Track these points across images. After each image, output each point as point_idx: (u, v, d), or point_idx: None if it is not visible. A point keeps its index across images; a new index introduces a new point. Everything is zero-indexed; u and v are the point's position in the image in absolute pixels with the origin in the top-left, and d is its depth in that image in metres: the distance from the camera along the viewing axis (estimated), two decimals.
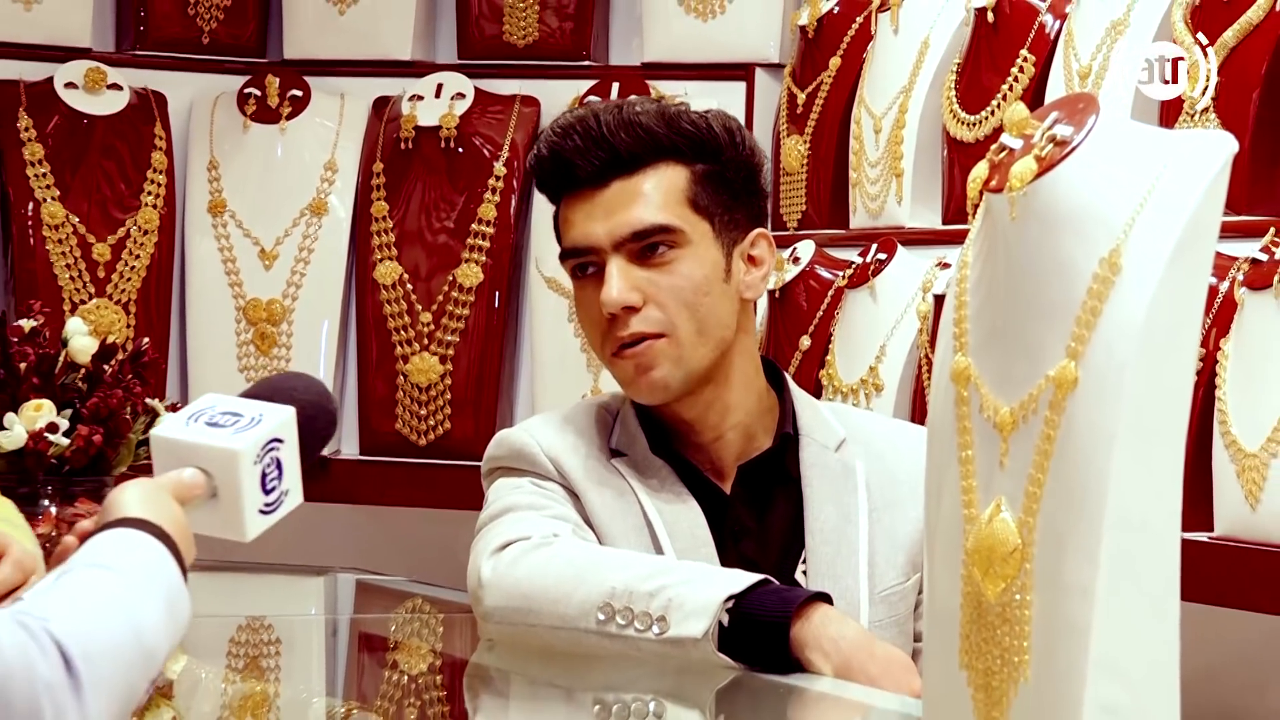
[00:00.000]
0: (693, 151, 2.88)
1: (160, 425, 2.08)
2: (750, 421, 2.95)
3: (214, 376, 5.13)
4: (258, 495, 2.03)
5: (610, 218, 2.86)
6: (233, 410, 2.05)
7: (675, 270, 2.86)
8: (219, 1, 5.29)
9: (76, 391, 3.89)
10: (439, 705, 3.02)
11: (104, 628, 1.72)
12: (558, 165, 2.90)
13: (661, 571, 2.72)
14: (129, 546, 1.86)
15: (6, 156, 5.06)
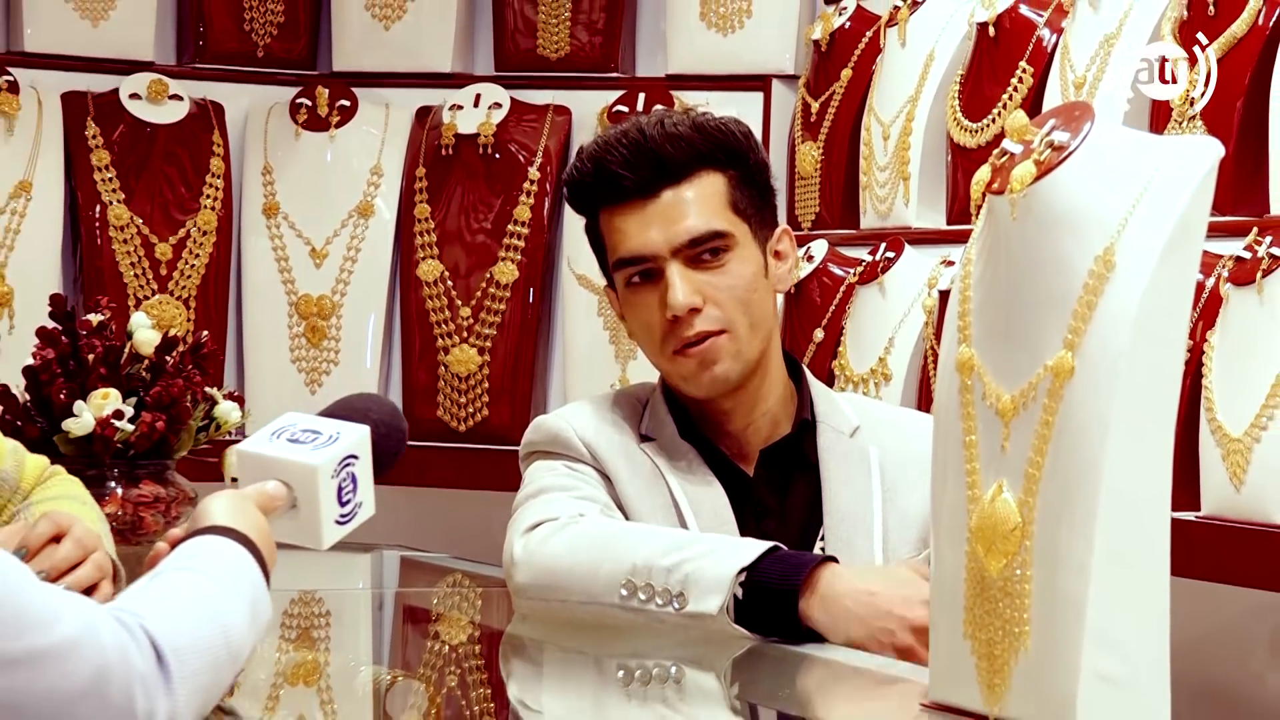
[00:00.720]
0: (726, 158, 2.88)
1: (246, 441, 2.08)
2: (776, 410, 2.95)
3: (268, 367, 5.15)
4: (334, 507, 2.06)
5: (667, 226, 2.85)
6: (312, 428, 2.07)
7: (729, 271, 2.86)
8: (273, 18, 5.28)
9: (141, 381, 3.90)
10: (477, 673, 3.02)
11: (193, 626, 1.73)
12: (602, 179, 2.88)
13: (679, 546, 2.71)
14: (217, 553, 1.87)
15: (75, 162, 5.06)
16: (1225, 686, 3.47)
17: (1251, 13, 3.66)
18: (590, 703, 2.73)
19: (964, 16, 4.30)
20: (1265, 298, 3.45)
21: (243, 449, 2.07)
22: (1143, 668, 2.08)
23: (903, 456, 2.94)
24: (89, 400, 3.85)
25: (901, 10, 4.51)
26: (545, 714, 2.71)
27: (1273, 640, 3.62)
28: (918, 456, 2.89)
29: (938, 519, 2.24)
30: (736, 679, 2.64)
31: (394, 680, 2.92)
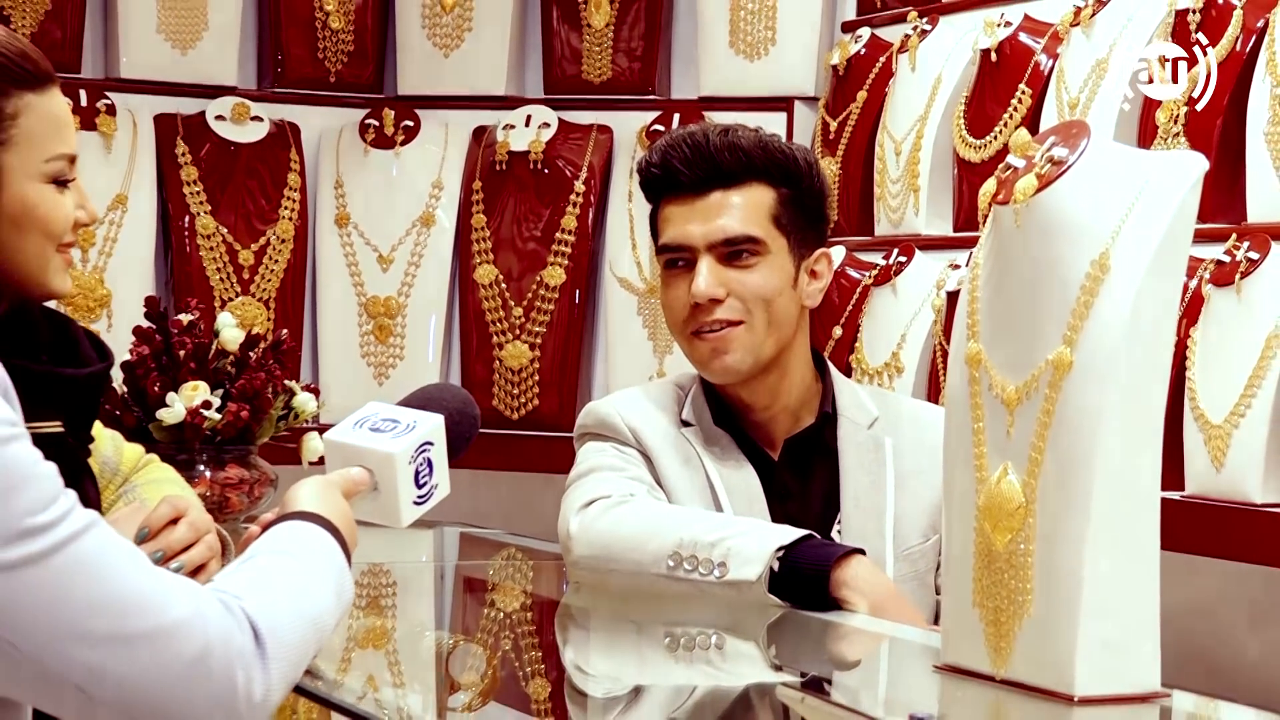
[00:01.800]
0: (780, 176, 2.88)
1: (333, 430, 2.07)
2: (797, 404, 2.95)
3: (340, 362, 5.15)
4: (411, 489, 2.04)
5: (707, 222, 2.86)
6: (392, 417, 2.06)
7: (755, 273, 2.86)
8: (343, 47, 5.28)
9: (227, 374, 3.90)
10: (530, 637, 3.02)
11: (286, 608, 1.72)
12: (666, 171, 2.89)
13: (722, 526, 2.73)
14: (304, 537, 1.86)
15: (166, 178, 5.07)
16: (1207, 650, 3.46)
17: (1229, 41, 3.65)
18: (638, 664, 2.73)
19: (969, 43, 4.29)
20: (1243, 298, 3.44)
21: (329, 438, 2.06)
22: (1135, 633, 2.07)
23: (916, 447, 2.94)
24: (180, 392, 3.85)
25: (912, 38, 4.50)
26: (595, 675, 2.71)
27: (1250, 608, 3.61)
28: (930, 447, 2.88)
29: (949, 498, 2.24)
30: (772, 642, 2.64)
31: (455, 644, 2.92)
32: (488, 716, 2.38)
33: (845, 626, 2.60)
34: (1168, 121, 3.70)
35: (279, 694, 1.68)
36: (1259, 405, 3.38)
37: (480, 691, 2.52)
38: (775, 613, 2.65)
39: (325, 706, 2.83)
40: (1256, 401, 3.38)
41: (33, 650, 1.57)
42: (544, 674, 2.68)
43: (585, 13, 5.17)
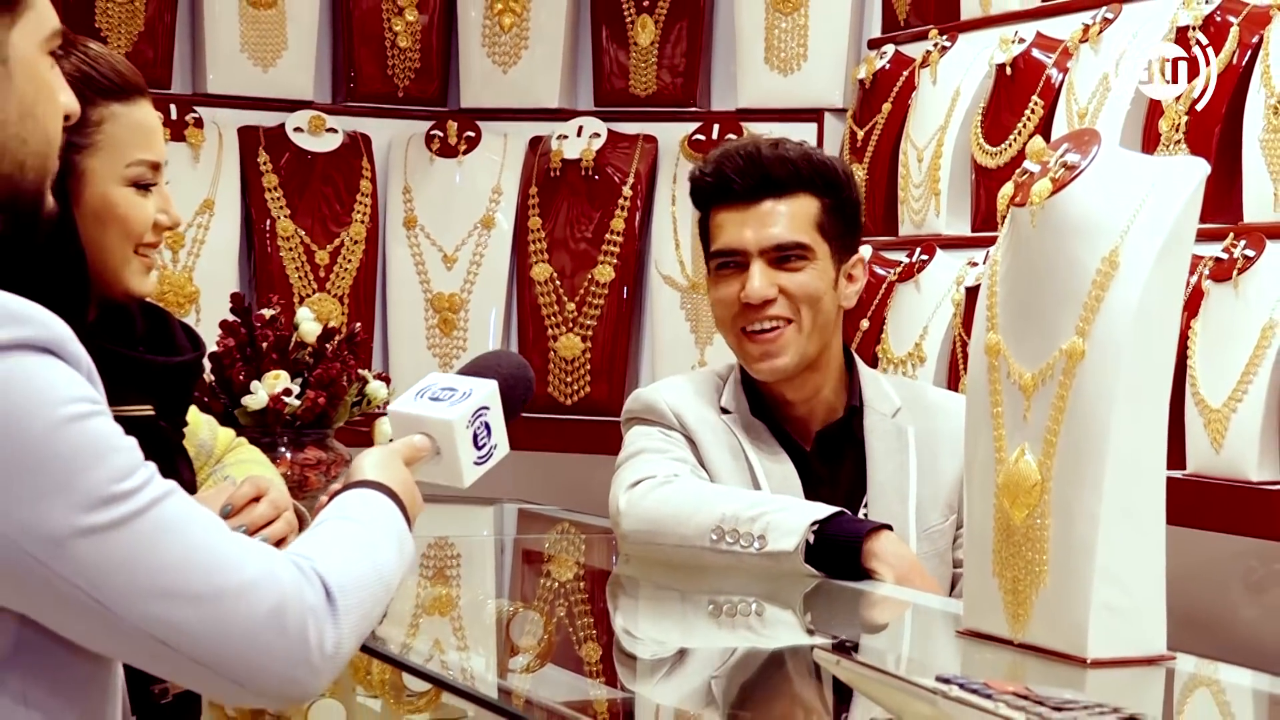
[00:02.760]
0: (824, 187, 2.88)
1: (395, 401, 2.06)
2: (831, 397, 2.95)
3: (408, 352, 5.15)
4: (471, 452, 2.02)
5: (760, 229, 2.87)
6: (450, 386, 2.05)
7: (803, 275, 2.87)
8: (410, 64, 5.29)
9: (305, 364, 3.92)
10: (583, 605, 3.02)
11: (354, 566, 1.71)
12: (720, 180, 2.90)
13: (760, 503, 2.73)
14: (368, 503, 1.84)
15: (249, 185, 5.08)
16: (1206, 615, 3.45)
17: (1227, 54, 3.63)
18: (683, 629, 2.73)
19: (985, 59, 4.28)
20: (1240, 292, 3.42)
21: (393, 409, 2.06)
22: (1142, 600, 2.07)
23: (936, 434, 2.94)
24: (263, 380, 3.87)
25: (932, 54, 4.49)
26: (643, 638, 2.71)
27: (1245, 576, 3.60)
28: (949, 433, 2.89)
29: (970, 477, 2.23)
30: (808, 608, 2.64)
31: (514, 611, 2.93)
32: (544, 677, 2.38)
33: (874, 595, 2.60)
34: (1170, 129, 3.68)
35: (350, 646, 1.67)
36: (1255, 391, 3.37)
37: (537, 654, 2.52)
38: (810, 582, 2.65)
39: (396, 667, 2.84)
40: (1253, 387, 3.37)
41: (120, 609, 1.56)
42: (595, 638, 2.68)
43: (632, 32, 5.17)
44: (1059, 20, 4.15)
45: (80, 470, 1.55)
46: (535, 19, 5.23)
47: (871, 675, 1.78)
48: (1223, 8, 3.68)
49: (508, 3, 5.24)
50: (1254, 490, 3.37)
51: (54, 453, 1.54)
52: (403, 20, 5.26)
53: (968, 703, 1.60)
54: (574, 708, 2.08)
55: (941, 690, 1.63)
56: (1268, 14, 3.58)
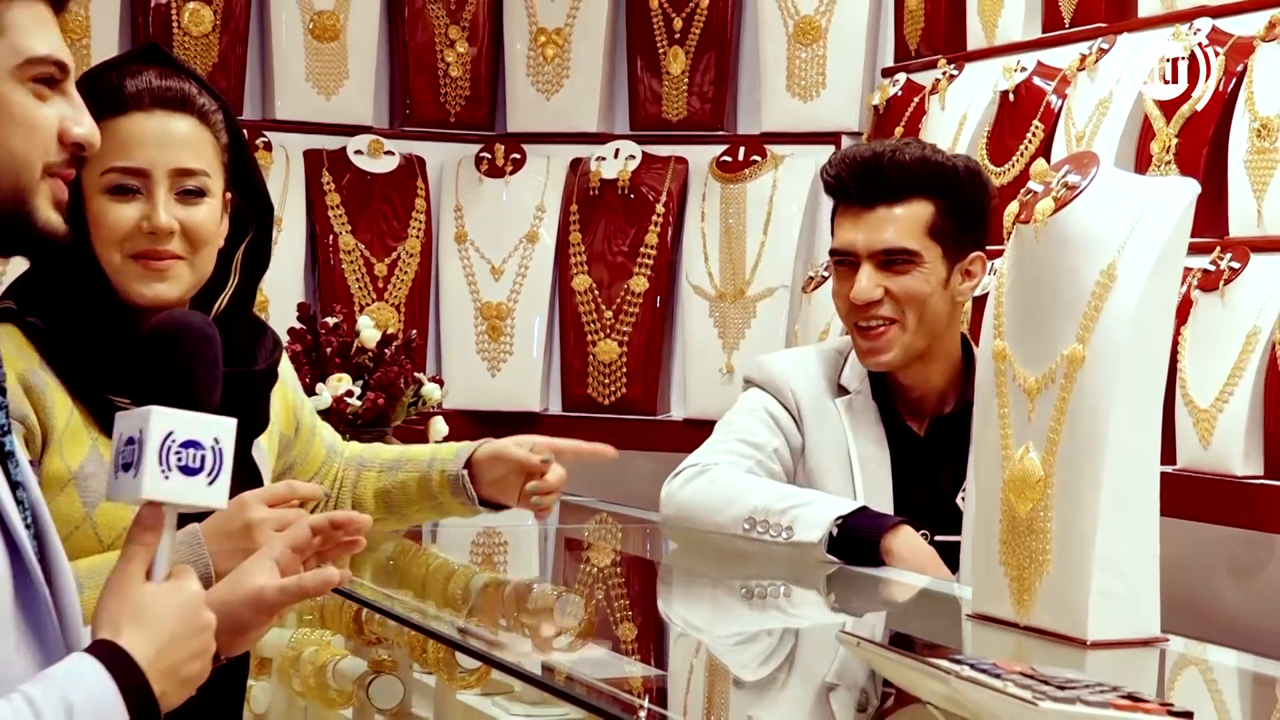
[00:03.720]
0: (940, 190, 2.80)
1: (109, 491, 1.58)
2: (945, 387, 2.89)
3: (458, 356, 5.16)
4: (194, 482, 1.55)
5: (870, 234, 2.80)
6: (128, 437, 1.56)
7: (910, 279, 2.80)
8: (461, 92, 5.30)
9: (366, 368, 3.93)
10: (620, 588, 3.01)
11: None
12: (839, 185, 2.84)
13: (789, 496, 2.72)
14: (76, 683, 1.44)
15: (313, 203, 5.09)
16: (1194, 599, 3.43)
17: (1213, 83, 3.62)
18: (716, 610, 2.73)
19: (990, 86, 4.27)
20: (1226, 301, 3.42)
21: (109, 499, 1.59)
22: (1138, 587, 2.06)
23: None
24: (327, 382, 3.88)
25: (941, 82, 4.48)
26: (678, 619, 2.71)
27: (1230, 564, 3.59)
28: None
29: (978, 473, 2.23)
30: (831, 591, 2.63)
31: (557, 594, 2.92)
32: (585, 654, 2.37)
33: (891, 581, 2.60)
34: (1161, 151, 3.68)
35: None
36: (1240, 392, 3.36)
37: (578, 634, 2.52)
38: (831, 567, 2.65)
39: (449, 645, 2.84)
40: (1238, 389, 3.36)
41: None
42: (632, 618, 2.68)
43: (664, 62, 5.16)
44: (1058, 50, 4.14)
45: None
46: (575, 50, 5.23)
47: (890, 656, 1.78)
48: (1209, 38, 3.67)
49: (550, 36, 5.24)
50: (1239, 484, 3.36)
51: None
52: (454, 52, 5.27)
53: (979, 681, 1.59)
54: (611, 684, 2.08)
55: (954, 670, 1.62)
56: (1251, 44, 3.57)
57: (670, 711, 2.00)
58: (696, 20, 5.13)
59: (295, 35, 5.10)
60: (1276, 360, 3.31)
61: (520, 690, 3.42)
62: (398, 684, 3.31)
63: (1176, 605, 2.15)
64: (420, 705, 3.48)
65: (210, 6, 5.00)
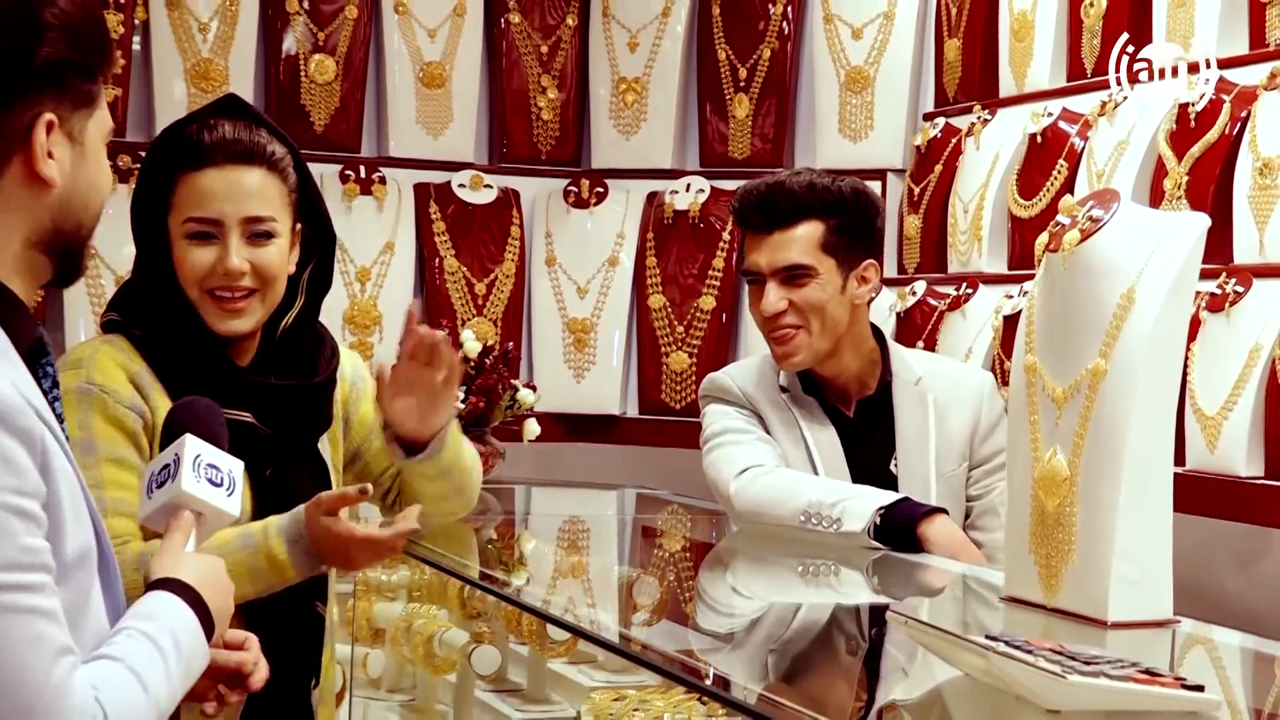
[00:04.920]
0: (828, 211, 2.85)
1: (140, 511, 1.83)
2: (862, 372, 2.93)
3: (548, 365, 5.17)
4: (216, 492, 1.80)
5: (771, 255, 2.86)
6: (164, 463, 1.81)
7: (808, 290, 2.84)
8: (551, 132, 5.31)
9: (469, 375, 3.94)
10: (690, 569, 3.02)
11: (131, 705, 1.55)
12: (741, 213, 2.91)
13: (839, 491, 2.73)
14: (161, 611, 1.65)
15: (422, 230, 5.12)
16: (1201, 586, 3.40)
17: (1220, 125, 3.60)
18: (774, 585, 2.74)
19: (1020, 129, 4.25)
20: (1231, 321, 3.40)
21: (143, 516, 1.83)
22: (1153, 574, 2.05)
23: (951, 397, 2.93)
24: None
25: (976, 125, 4.47)
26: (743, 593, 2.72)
27: (1234, 555, 3.56)
28: (960, 397, 2.92)
29: (1011, 472, 2.22)
30: (875, 573, 2.64)
31: (634, 575, 2.94)
32: (659, 628, 2.38)
33: (927, 564, 2.59)
34: (1173, 188, 3.65)
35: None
36: (1243, 402, 3.34)
37: (652, 610, 2.53)
38: (875, 553, 2.65)
39: (541, 619, 2.86)
40: (1241, 399, 3.34)
41: None
42: (700, 596, 2.69)
43: (731, 107, 5.17)
44: (1081, 98, 4.12)
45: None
46: (652, 97, 5.25)
47: (933, 633, 1.78)
48: (1217, 88, 3.65)
49: (630, 83, 5.26)
50: (1242, 484, 3.34)
51: None
52: (545, 97, 5.29)
53: (1014, 657, 1.59)
54: (682, 653, 2.09)
55: (991, 646, 1.62)
56: (1254, 93, 3.55)
57: (733, 675, 2.01)
58: (759, 70, 5.14)
59: (407, 83, 5.13)
60: (1276, 374, 3.29)
61: (603, 659, 3.44)
62: (495, 653, 3.34)
63: (1186, 591, 2.14)
64: (515, 672, 3.50)
65: (333, 57, 5.04)
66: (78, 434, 2.18)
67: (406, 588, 3.70)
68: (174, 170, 2.28)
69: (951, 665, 1.74)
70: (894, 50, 4.92)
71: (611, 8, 5.29)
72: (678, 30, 5.23)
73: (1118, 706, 1.58)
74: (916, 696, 1.92)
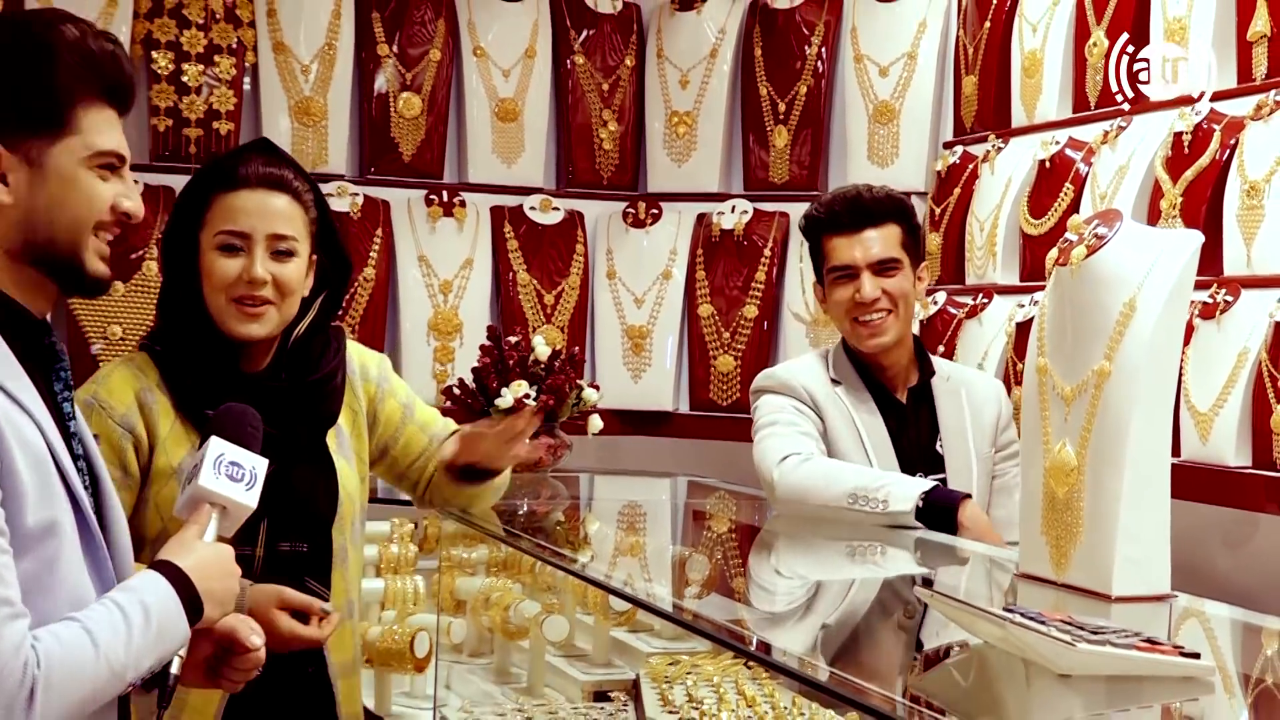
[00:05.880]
0: (902, 216, 2.98)
1: (176, 505, 1.84)
2: (909, 366, 3.02)
3: (609, 367, 5.17)
4: (235, 486, 1.81)
5: (866, 249, 2.95)
6: (194, 463, 1.83)
7: (897, 280, 2.95)
8: (611, 161, 5.32)
9: (539, 375, 3.94)
10: (736, 549, 3.02)
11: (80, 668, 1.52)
12: (831, 216, 2.98)
13: (882, 477, 2.76)
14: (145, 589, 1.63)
15: (497, 247, 5.12)
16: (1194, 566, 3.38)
17: (1211, 152, 3.58)
18: (820, 563, 2.74)
19: (1030, 155, 4.24)
20: (1221, 327, 3.37)
21: (177, 509, 1.84)
22: (1153, 553, 2.05)
23: (976, 393, 3.02)
24: (509, 387, 3.90)
25: (991, 152, 4.45)
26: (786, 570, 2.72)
27: (1224, 537, 3.53)
28: (982, 394, 3.03)
29: (1026, 463, 2.21)
30: (918, 550, 2.65)
31: (688, 555, 2.94)
32: (710, 601, 2.38)
33: (960, 546, 2.59)
34: (1168, 208, 3.63)
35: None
36: (1232, 400, 3.32)
37: (703, 583, 2.53)
38: (919, 533, 2.66)
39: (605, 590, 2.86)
40: (1231, 397, 3.32)
41: None
42: (744, 573, 2.69)
43: (771, 137, 5.16)
44: (1086, 127, 4.10)
45: None
46: (702, 129, 5.24)
47: (956, 605, 1.78)
48: (1208, 118, 3.62)
49: (682, 117, 5.26)
50: (1231, 473, 3.31)
51: None
52: (606, 129, 5.30)
53: (1029, 627, 1.59)
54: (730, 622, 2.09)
55: (1008, 617, 1.62)
56: (1242, 122, 3.52)
57: (774, 640, 2.01)
58: (796, 105, 5.13)
59: (484, 117, 5.15)
60: (1262, 375, 3.27)
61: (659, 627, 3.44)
62: (564, 621, 3.34)
63: (1182, 569, 2.13)
64: (581, 638, 3.50)
65: (419, 95, 5.07)
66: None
67: (485, 564, 3.72)
68: (209, 191, 2.34)
69: (973, 634, 1.74)
70: (917, 86, 4.91)
71: (665, 49, 5.29)
72: (724, 69, 5.23)
73: (1122, 671, 1.58)
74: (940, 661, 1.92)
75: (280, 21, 4.92)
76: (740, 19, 5.24)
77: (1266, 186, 3.39)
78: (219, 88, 4.80)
